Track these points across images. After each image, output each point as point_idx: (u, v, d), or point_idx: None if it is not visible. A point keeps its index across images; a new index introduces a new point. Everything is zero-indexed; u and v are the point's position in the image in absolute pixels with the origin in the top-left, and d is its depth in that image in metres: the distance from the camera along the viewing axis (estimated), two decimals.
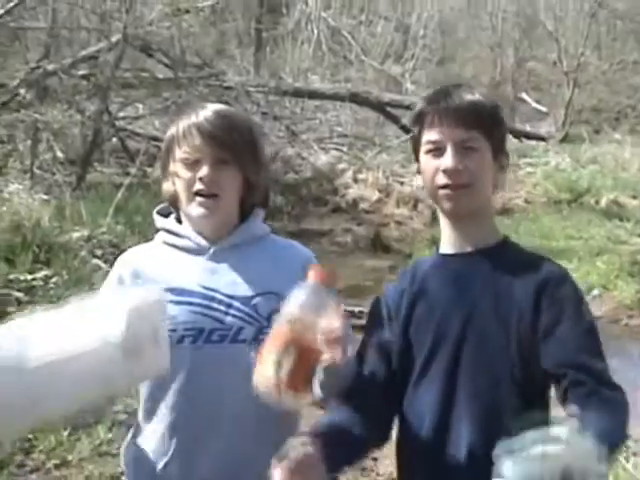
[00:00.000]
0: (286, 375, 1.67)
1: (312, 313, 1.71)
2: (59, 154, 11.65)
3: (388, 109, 16.11)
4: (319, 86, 17.06)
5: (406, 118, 16.27)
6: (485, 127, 2.00)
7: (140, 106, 14.03)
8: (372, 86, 19.33)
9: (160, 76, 13.34)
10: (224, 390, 2.05)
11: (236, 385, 2.00)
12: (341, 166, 15.98)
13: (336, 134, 16.91)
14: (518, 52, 26.78)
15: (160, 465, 2.08)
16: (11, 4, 10.72)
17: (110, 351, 1.58)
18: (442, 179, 1.98)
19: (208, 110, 2.14)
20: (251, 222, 2.21)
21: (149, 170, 13.07)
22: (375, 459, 4.79)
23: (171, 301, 2.05)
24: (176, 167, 2.14)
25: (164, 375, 1.82)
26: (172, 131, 2.17)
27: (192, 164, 2.10)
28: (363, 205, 14.60)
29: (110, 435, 4.72)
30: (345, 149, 16.69)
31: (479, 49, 28.96)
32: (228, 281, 2.10)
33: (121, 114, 13.48)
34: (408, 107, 15.95)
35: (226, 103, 13.76)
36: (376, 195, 14.86)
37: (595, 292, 9.11)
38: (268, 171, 2.37)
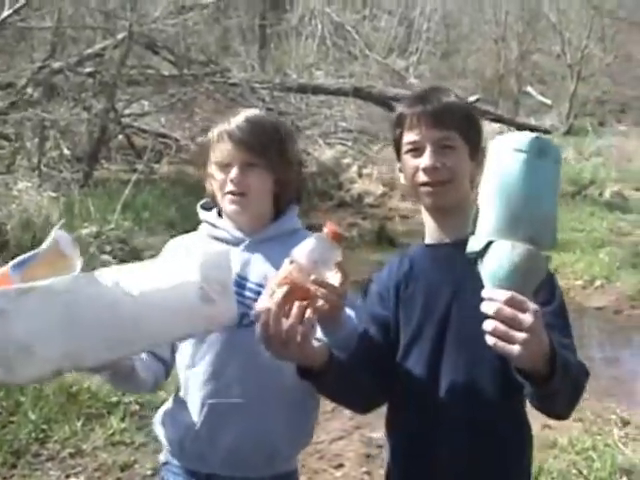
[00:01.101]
0: (274, 304, 1.80)
1: (311, 261, 1.85)
2: (66, 151, 11.74)
3: (392, 103, 16.13)
4: (323, 81, 17.09)
5: None
6: (461, 127, 2.17)
7: (146, 103, 14.11)
8: (376, 80, 19.33)
9: (165, 73, 13.42)
10: (250, 371, 2.23)
11: (261, 367, 2.17)
12: (346, 161, 16.09)
13: (340, 129, 16.96)
14: (522, 45, 26.69)
15: (190, 430, 2.29)
16: (18, 4, 10.79)
17: (190, 289, 1.84)
18: (422, 177, 2.15)
19: (240, 117, 2.36)
20: (284, 217, 2.42)
21: (156, 166, 13.19)
22: (380, 447, 4.88)
23: None
24: (212, 169, 2.38)
25: (231, 324, 2.02)
26: (209, 136, 2.40)
27: (224, 167, 2.33)
28: (368, 199, 14.71)
29: (123, 425, 4.84)
30: (350, 144, 16.77)
31: (482, 42, 28.95)
32: (259, 271, 2.29)
33: (127, 111, 13.56)
34: None
35: (231, 99, 13.99)
36: (381, 189, 14.96)
37: (598, 283, 9.19)
38: (299, 168, 2.55)
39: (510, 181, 1.59)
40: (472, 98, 15.21)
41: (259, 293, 2.14)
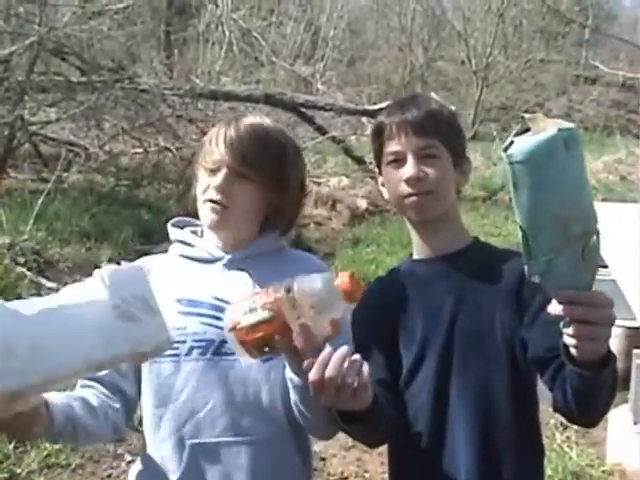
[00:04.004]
0: (247, 324, 1.70)
1: (308, 304, 1.70)
2: None
3: (302, 110, 16.10)
4: (233, 88, 16.94)
5: (320, 119, 16.41)
6: (443, 134, 2.08)
7: (53, 110, 13.74)
8: (283, 87, 19.33)
9: (74, 79, 13.09)
10: (233, 403, 2.00)
11: (245, 399, 2.00)
12: None
13: None
14: (427, 52, 27.11)
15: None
16: None
17: (101, 307, 1.57)
18: (405, 188, 2.05)
19: (243, 121, 2.11)
20: (268, 234, 2.17)
21: (65, 175, 12.84)
22: (324, 459, 4.83)
23: (181, 312, 2.03)
24: (199, 169, 2.13)
25: (166, 347, 1.70)
26: (205, 137, 2.15)
27: (212, 172, 2.06)
28: None
29: (57, 446, 4.61)
30: None
31: (388, 49, 29.21)
32: (239, 291, 2.00)
33: (34, 119, 13.18)
34: (322, 108, 16.04)
35: (141, 106, 13.73)
36: None
37: None
38: (300, 196, 2.22)
39: (544, 193, 1.46)
40: (383, 105, 15.23)
41: None
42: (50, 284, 7.54)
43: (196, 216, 2.19)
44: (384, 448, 2.20)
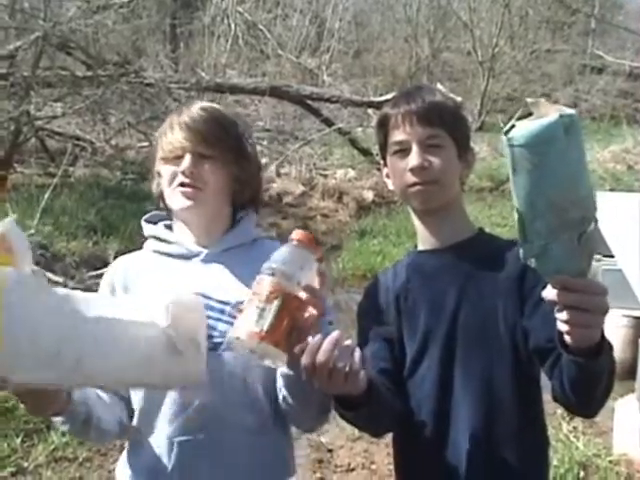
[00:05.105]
0: (269, 323, 1.66)
1: (296, 267, 1.72)
2: None
3: (308, 102, 16.11)
4: (239, 81, 16.97)
5: (326, 111, 16.41)
6: (447, 124, 2.07)
7: (59, 105, 13.76)
8: (289, 79, 19.35)
9: (79, 74, 13.10)
10: (220, 399, 1.97)
11: (233, 394, 1.99)
12: (263, 160, 15.96)
13: (258, 128, 16.82)
14: (433, 43, 27.06)
15: (159, 477, 2.00)
16: None
17: (154, 334, 1.58)
18: (410, 178, 2.04)
19: (193, 107, 2.11)
20: (243, 225, 2.17)
21: (71, 169, 12.87)
22: (330, 450, 4.83)
23: None
24: (159, 164, 2.11)
25: (199, 384, 1.74)
26: (159, 131, 2.15)
27: (174, 159, 2.06)
28: (287, 199, 14.58)
29: (65, 439, 4.65)
30: (265, 143, 16.64)
31: (394, 41, 29.17)
32: (220, 286, 2.03)
33: (40, 113, 13.21)
34: (328, 100, 16.06)
35: (147, 100, 13.75)
36: (300, 189, 14.89)
37: None
38: (258, 170, 2.26)
39: (543, 177, 1.44)
40: (388, 96, 15.20)
41: (223, 312, 1.99)
42: (57, 278, 7.56)
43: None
44: (391, 439, 2.20)
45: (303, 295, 1.71)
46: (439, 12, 27.86)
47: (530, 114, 1.44)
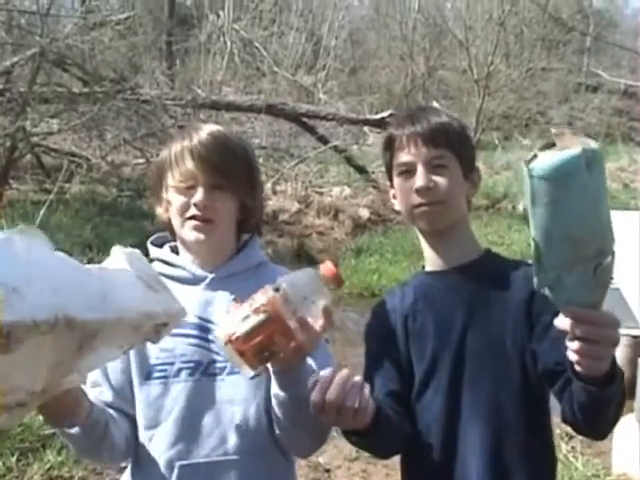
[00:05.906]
0: (243, 332, 1.67)
1: (301, 296, 1.71)
2: None
3: (304, 120, 16.13)
4: (234, 98, 16.98)
5: (322, 128, 16.43)
6: (453, 145, 2.07)
7: (55, 121, 13.75)
8: (285, 97, 19.37)
9: (76, 90, 13.10)
10: (221, 423, 1.99)
11: (233, 417, 1.99)
12: None
13: (254, 146, 16.78)
14: (429, 61, 27.13)
15: None
16: None
17: (131, 275, 1.56)
18: (416, 199, 2.04)
19: (202, 132, 2.06)
20: (248, 250, 2.17)
21: (67, 186, 12.85)
22: (328, 470, 4.81)
23: None
24: (169, 193, 2.08)
25: (183, 317, 1.67)
26: (164, 155, 2.10)
27: (185, 190, 2.04)
28: (283, 217, 14.54)
29: (60, 458, 4.60)
30: (261, 160, 16.63)
31: (390, 58, 29.24)
32: (225, 309, 1.96)
33: (36, 129, 13.20)
34: (324, 117, 16.07)
35: (143, 117, 13.75)
36: (296, 206, 14.87)
37: None
38: (262, 194, 2.25)
39: (561, 211, 1.42)
40: (384, 114, 15.23)
41: None
42: None
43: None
44: (389, 459, 2.19)
45: (292, 324, 1.70)
46: (435, 30, 27.92)
47: (553, 144, 1.43)
